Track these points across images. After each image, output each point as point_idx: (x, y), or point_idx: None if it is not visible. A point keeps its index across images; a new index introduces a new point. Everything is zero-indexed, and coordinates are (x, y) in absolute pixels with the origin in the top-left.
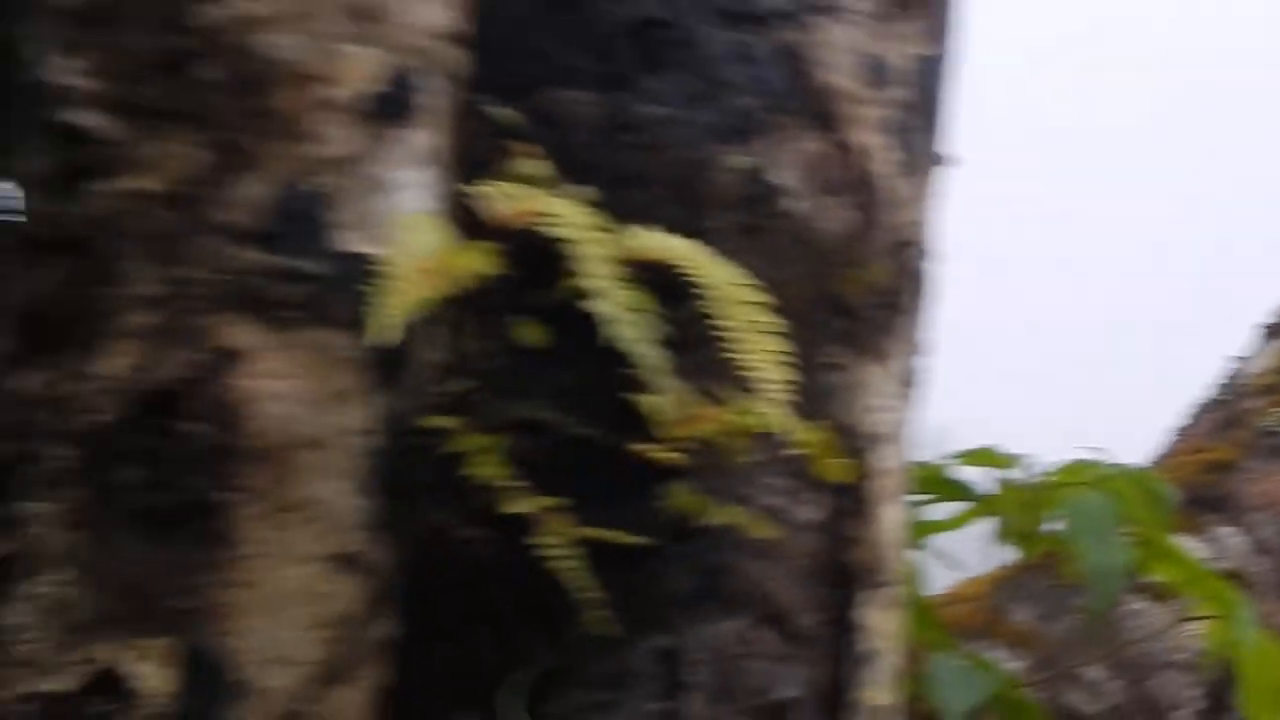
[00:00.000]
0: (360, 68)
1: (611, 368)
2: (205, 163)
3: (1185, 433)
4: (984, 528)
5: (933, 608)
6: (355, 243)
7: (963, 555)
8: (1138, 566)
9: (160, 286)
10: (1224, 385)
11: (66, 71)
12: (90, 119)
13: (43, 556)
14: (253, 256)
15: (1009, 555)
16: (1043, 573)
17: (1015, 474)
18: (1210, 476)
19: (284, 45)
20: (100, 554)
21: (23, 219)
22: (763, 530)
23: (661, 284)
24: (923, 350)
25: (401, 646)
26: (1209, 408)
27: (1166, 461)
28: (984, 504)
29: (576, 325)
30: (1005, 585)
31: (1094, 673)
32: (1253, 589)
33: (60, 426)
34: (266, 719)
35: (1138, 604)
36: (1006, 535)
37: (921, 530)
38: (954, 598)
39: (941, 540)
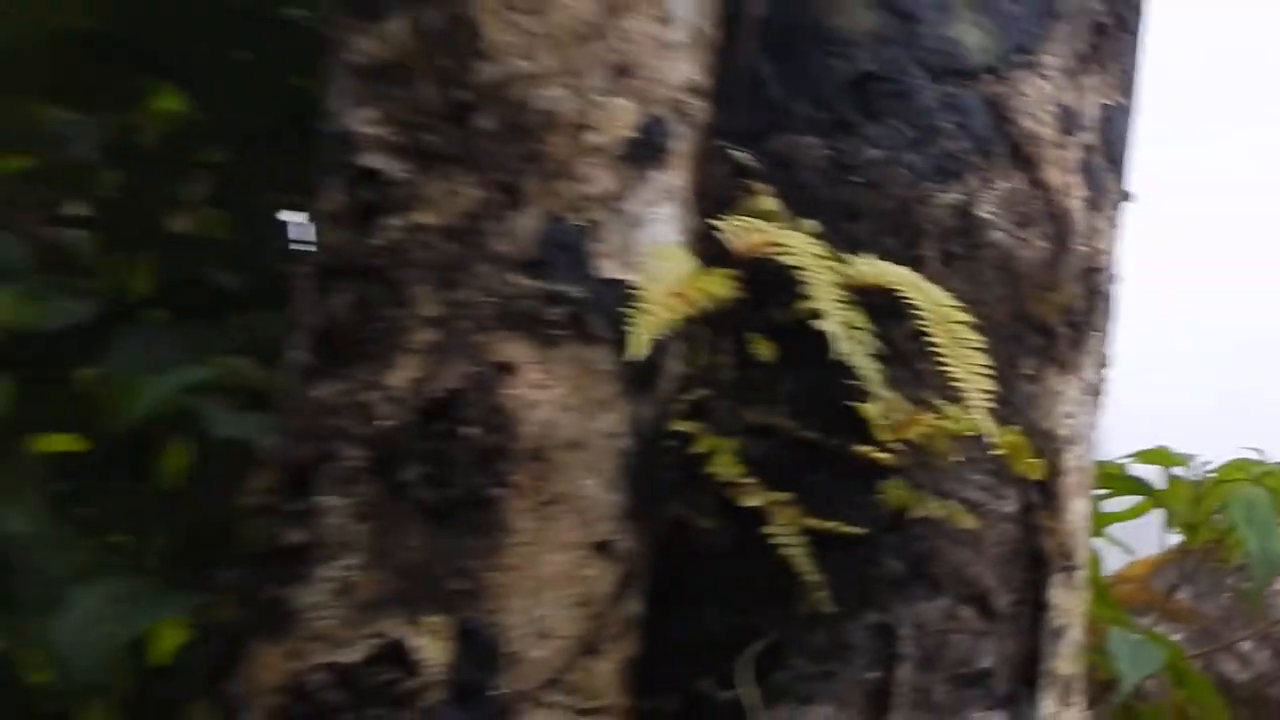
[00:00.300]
0: (619, 117)
1: (834, 379)
2: (482, 200)
3: None
4: (1155, 517)
5: (1108, 587)
6: (613, 270)
7: (1133, 541)
8: None
9: (441, 308)
10: None
11: (360, 120)
12: (381, 162)
13: (336, 544)
14: (523, 282)
15: (1173, 541)
16: (1200, 557)
17: (1184, 471)
18: None
19: (552, 98)
20: (386, 542)
21: (315, 249)
22: (966, 521)
23: (879, 305)
24: (1107, 362)
25: (646, 623)
26: None
27: None
28: (1156, 497)
29: (803, 342)
30: (1167, 568)
31: (1245, 645)
32: None
33: (353, 431)
34: (531, 686)
35: None
36: (1174, 524)
37: (1102, 520)
38: (1121, 578)
39: (1118, 528)
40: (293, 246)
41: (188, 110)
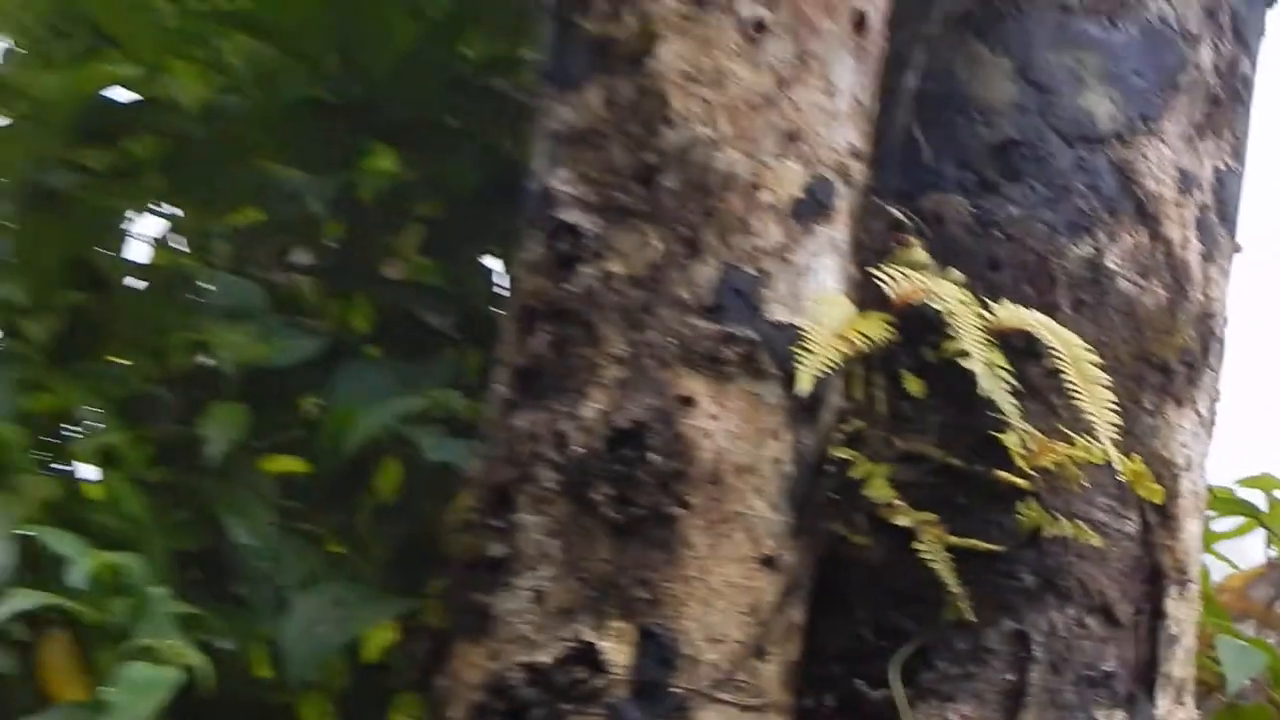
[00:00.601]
0: (789, 178)
1: (976, 412)
2: (665, 251)
3: None
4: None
5: (1214, 597)
6: (782, 314)
7: (1235, 556)
8: None
9: (628, 347)
10: None
11: (559, 180)
12: (577, 217)
13: (533, 556)
14: (701, 324)
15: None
16: None
17: None
18: None
19: (730, 160)
20: (577, 555)
21: (516, 294)
22: (1092, 539)
23: (1017, 347)
24: (1218, 397)
25: (806, 629)
26: None
27: None
28: (1259, 518)
29: (949, 378)
30: (1264, 580)
31: None
32: None
33: (549, 456)
34: (704, 685)
35: None
36: (1275, 543)
37: (1210, 538)
38: (1221, 588)
39: (1223, 544)
40: (495, 291)
41: (402, 169)
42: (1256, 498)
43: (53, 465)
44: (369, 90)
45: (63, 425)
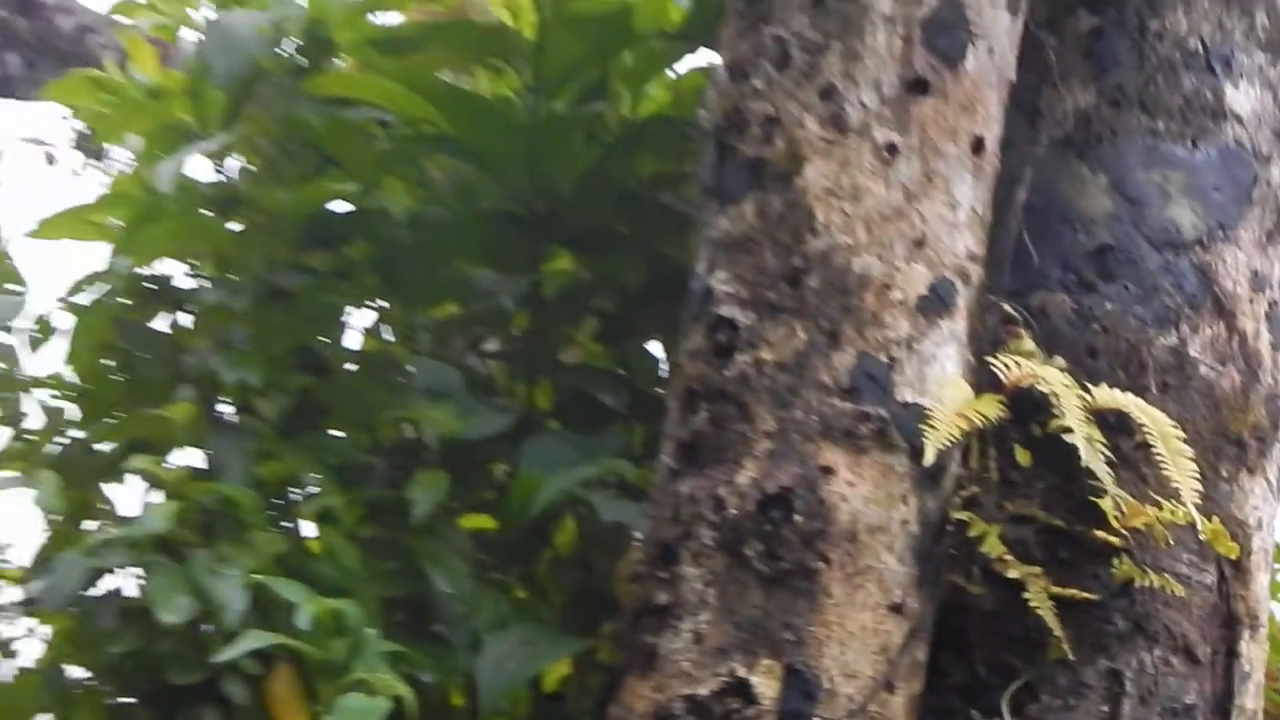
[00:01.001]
0: (916, 279)
1: (1077, 479)
2: (809, 342)
3: None
4: None
5: (1279, 639)
6: (910, 395)
7: None
8: None
9: (777, 424)
10: None
11: (718, 280)
12: (733, 312)
13: (693, 603)
14: (840, 404)
15: None
16: None
17: None
18: None
19: (865, 264)
20: (731, 602)
21: (678, 377)
22: (1177, 590)
23: (1112, 423)
24: None
25: (929, 666)
26: None
27: None
28: None
29: (1054, 451)
30: None
31: None
32: None
33: (708, 517)
34: (840, 715)
35: None
36: None
37: (1276, 588)
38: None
39: None
40: (659, 374)
41: (579, 270)
42: None
43: (281, 523)
44: (553, 203)
45: (289, 489)
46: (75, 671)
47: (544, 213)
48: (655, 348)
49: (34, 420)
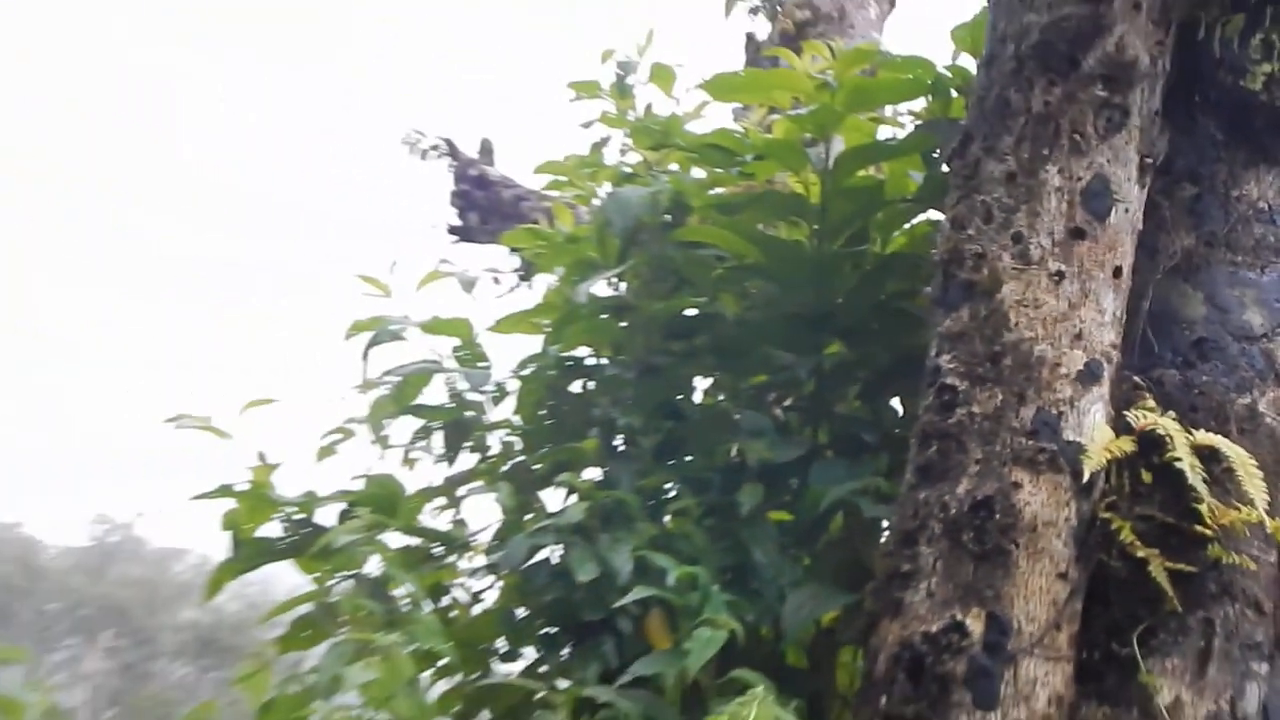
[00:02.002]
0: (1076, 359)
1: (1183, 492)
2: (1003, 400)
3: None
4: None
5: None
6: (1072, 435)
7: None
8: None
9: (982, 455)
10: None
11: (943, 360)
12: (953, 381)
13: (926, 571)
14: (1025, 441)
15: None
16: None
17: None
18: None
19: (1042, 350)
20: (952, 571)
21: (918, 423)
22: (1250, 565)
23: (1207, 454)
24: None
25: (1083, 614)
26: None
27: None
28: None
29: (1168, 473)
30: None
31: None
32: None
33: (937, 514)
34: (1025, 645)
35: None
36: None
37: None
38: None
39: None
40: (899, 421)
41: (846, 353)
42: None
43: (654, 517)
44: (829, 310)
45: (659, 495)
46: (519, 611)
47: (823, 316)
48: (895, 403)
49: (494, 450)
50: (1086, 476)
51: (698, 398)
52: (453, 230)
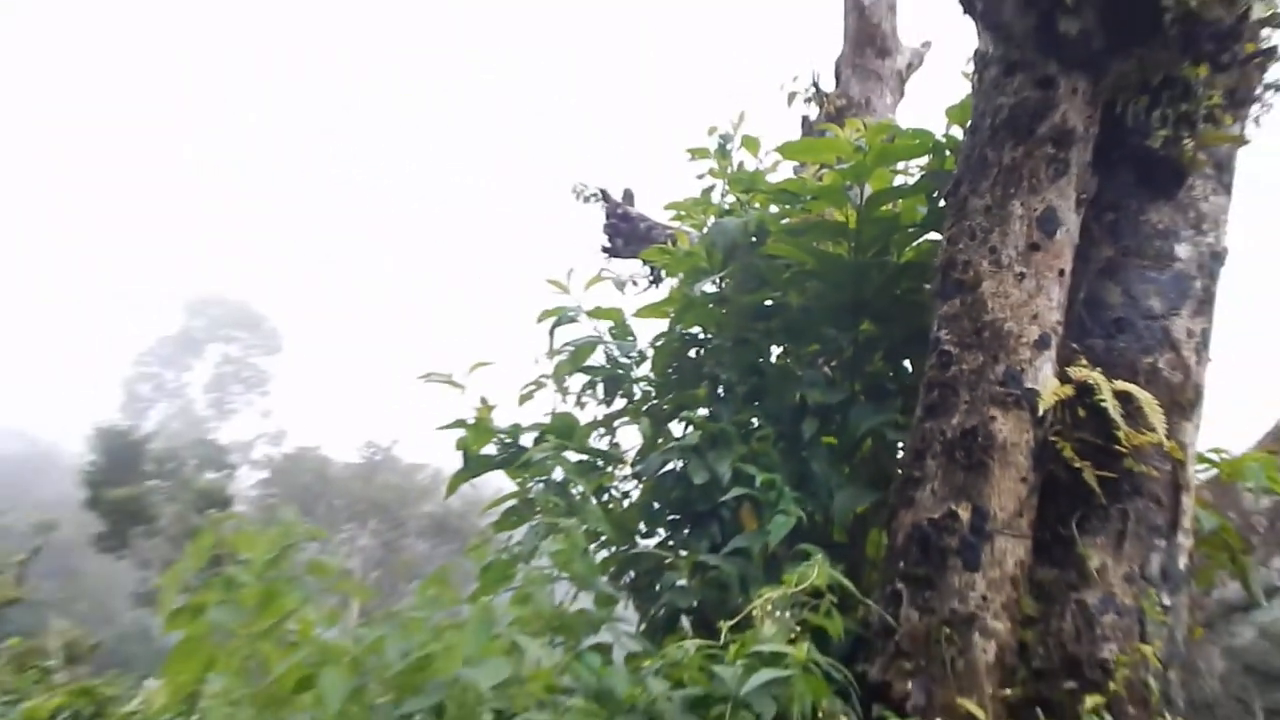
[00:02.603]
0: (1033, 332)
1: (1107, 422)
2: (984, 360)
3: None
4: None
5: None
6: (1031, 384)
7: None
8: None
9: (969, 397)
10: None
11: (941, 333)
12: (949, 347)
13: (930, 477)
14: (999, 389)
15: None
16: None
17: None
18: None
19: (1009, 327)
20: (949, 477)
21: (924, 374)
22: (1153, 473)
23: (1123, 397)
24: (1201, 418)
25: (1038, 506)
26: None
27: None
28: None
29: (1096, 410)
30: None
31: None
32: None
33: (939, 438)
34: (999, 527)
35: None
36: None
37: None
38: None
39: None
40: (910, 375)
41: (874, 330)
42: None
43: (744, 442)
44: (862, 300)
45: (748, 427)
46: (655, 504)
47: (859, 305)
48: (907, 364)
49: (637, 396)
50: (1040, 412)
51: (773, 360)
52: (605, 250)
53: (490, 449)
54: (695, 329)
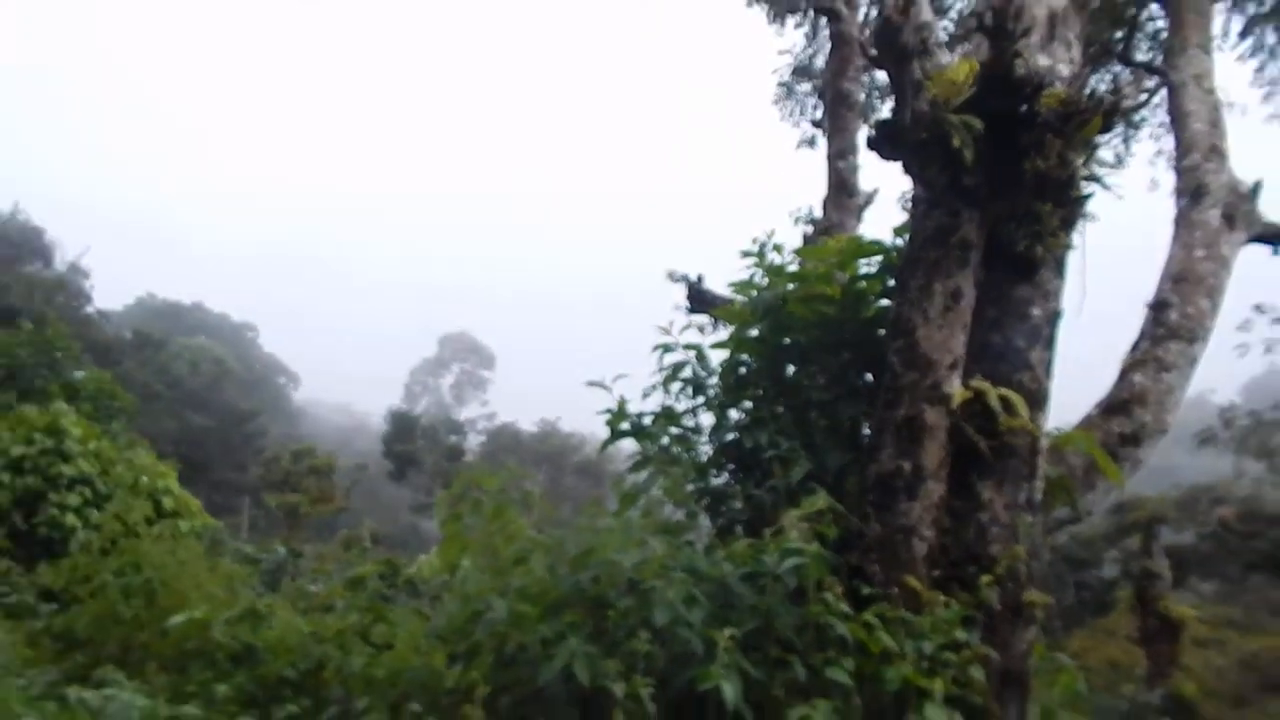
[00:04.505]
0: (948, 359)
1: (993, 414)
2: (920, 374)
3: None
4: None
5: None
6: (946, 390)
7: None
8: None
9: (910, 397)
10: None
11: (895, 357)
12: (895, 367)
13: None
14: (928, 392)
15: None
16: None
17: None
18: None
19: (936, 352)
20: (897, 444)
21: (879, 384)
22: (1019, 442)
23: (1002, 398)
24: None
25: (952, 458)
26: None
27: None
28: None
29: (986, 405)
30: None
31: None
32: None
33: (889, 423)
34: (926, 477)
35: None
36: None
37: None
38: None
39: None
40: (869, 385)
41: (852, 357)
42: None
43: (778, 420)
44: (844, 340)
45: (781, 411)
46: (721, 459)
47: (842, 343)
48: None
49: (711, 394)
50: (953, 407)
51: (791, 375)
52: (688, 309)
53: (625, 425)
54: (744, 356)
